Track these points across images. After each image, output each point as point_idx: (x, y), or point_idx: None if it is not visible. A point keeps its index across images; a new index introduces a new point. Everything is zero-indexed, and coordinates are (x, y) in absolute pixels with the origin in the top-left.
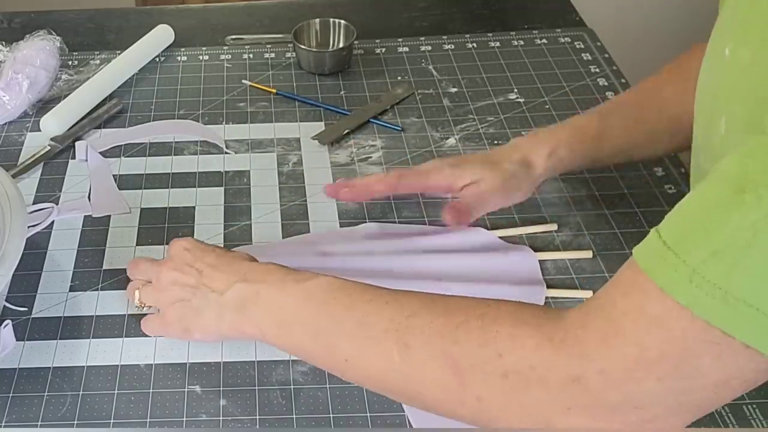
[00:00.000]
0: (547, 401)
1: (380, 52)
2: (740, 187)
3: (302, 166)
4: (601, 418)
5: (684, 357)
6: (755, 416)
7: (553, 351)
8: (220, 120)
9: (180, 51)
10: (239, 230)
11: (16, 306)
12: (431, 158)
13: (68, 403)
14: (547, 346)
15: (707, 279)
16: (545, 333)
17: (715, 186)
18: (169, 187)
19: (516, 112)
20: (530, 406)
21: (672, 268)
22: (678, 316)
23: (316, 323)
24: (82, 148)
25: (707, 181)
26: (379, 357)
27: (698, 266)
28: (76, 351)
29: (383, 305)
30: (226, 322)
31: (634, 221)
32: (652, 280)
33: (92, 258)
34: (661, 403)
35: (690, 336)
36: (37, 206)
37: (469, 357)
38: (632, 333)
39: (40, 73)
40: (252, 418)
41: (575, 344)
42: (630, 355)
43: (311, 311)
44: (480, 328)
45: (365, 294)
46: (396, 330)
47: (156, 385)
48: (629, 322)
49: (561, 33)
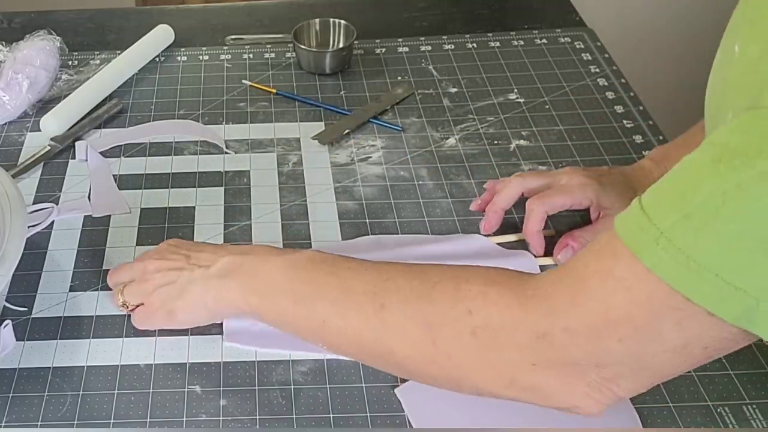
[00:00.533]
0: (514, 358)
1: (380, 52)
2: (718, 157)
3: (302, 166)
4: (563, 374)
5: (647, 320)
6: (755, 416)
7: (521, 308)
8: (220, 120)
9: (180, 51)
10: (239, 230)
11: (16, 306)
12: (431, 158)
13: (68, 403)
14: (516, 305)
15: (673, 243)
16: (516, 291)
17: (698, 156)
18: (169, 187)
19: (516, 112)
20: (498, 363)
21: (642, 230)
22: (644, 279)
23: (298, 290)
24: (82, 148)
25: (695, 151)
26: (356, 317)
27: (666, 229)
28: (76, 351)
29: (363, 271)
30: (210, 292)
31: None
32: (623, 240)
33: (92, 258)
34: (621, 363)
35: (655, 299)
36: (37, 206)
37: (440, 315)
38: (599, 293)
39: (40, 73)
40: (252, 418)
41: (543, 301)
42: (595, 313)
43: (293, 279)
44: (453, 288)
45: (346, 262)
46: (372, 292)
47: (156, 385)
48: (598, 281)
49: (561, 33)
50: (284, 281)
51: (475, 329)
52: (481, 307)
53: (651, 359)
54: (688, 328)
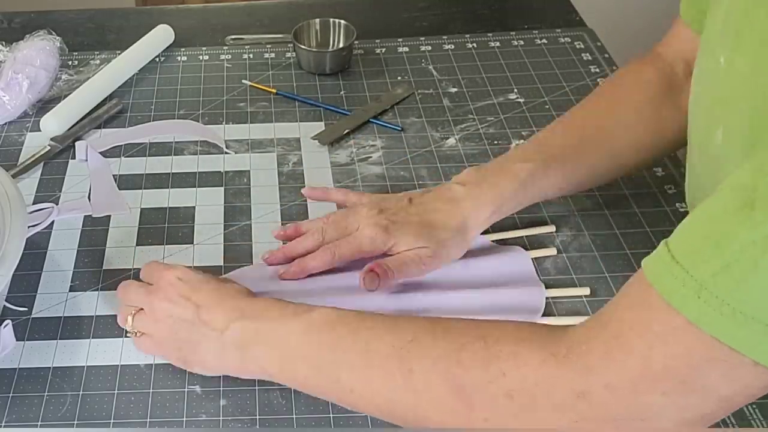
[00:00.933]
0: (554, 418)
1: (380, 52)
2: (749, 202)
3: (302, 166)
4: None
5: (690, 372)
6: (755, 416)
7: (557, 367)
8: (220, 120)
9: (180, 51)
10: (239, 230)
11: (16, 306)
12: (431, 158)
13: (68, 403)
14: (551, 362)
15: (715, 294)
16: (548, 349)
17: (725, 199)
18: (169, 187)
19: (516, 112)
20: (537, 424)
21: (680, 283)
22: (685, 332)
23: (318, 356)
24: (82, 148)
25: (718, 192)
26: (384, 385)
27: (706, 281)
28: (76, 351)
29: (384, 332)
30: (228, 362)
31: (634, 222)
32: (660, 294)
33: (92, 258)
34: (665, 417)
35: (696, 352)
36: (37, 206)
37: (473, 378)
38: (638, 347)
39: (40, 73)
40: (252, 418)
41: (579, 359)
42: (635, 368)
43: (312, 345)
44: (483, 349)
45: (364, 322)
46: (398, 356)
47: (156, 385)
48: (635, 336)
49: (561, 33)
50: (304, 347)
51: (510, 392)
52: (514, 368)
53: (696, 411)
54: (737, 379)
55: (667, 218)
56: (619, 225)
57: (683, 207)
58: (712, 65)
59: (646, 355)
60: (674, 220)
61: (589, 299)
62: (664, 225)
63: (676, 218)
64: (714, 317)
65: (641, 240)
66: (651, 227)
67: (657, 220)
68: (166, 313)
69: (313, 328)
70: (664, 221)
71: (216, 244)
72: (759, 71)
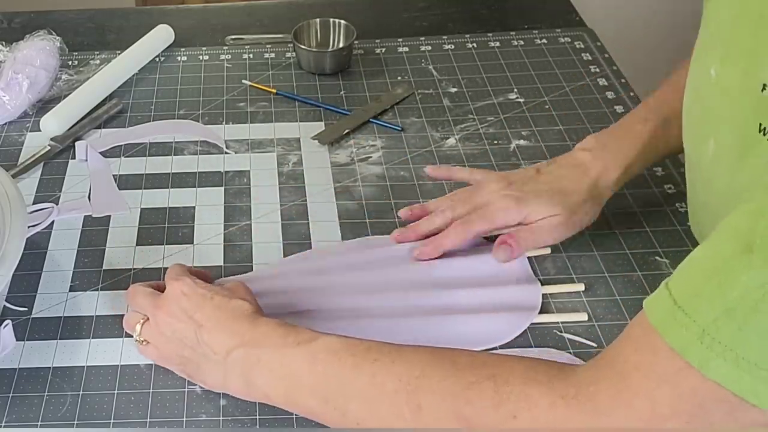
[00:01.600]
0: None
1: (380, 52)
2: (748, 246)
3: (302, 166)
4: None
5: (696, 413)
6: None
7: (566, 408)
8: (220, 120)
9: (180, 51)
10: (239, 230)
11: (16, 306)
12: (431, 158)
13: (68, 403)
14: (561, 404)
15: (718, 340)
16: (558, 391)
17: (724, 242)
18: (169, 187)
19: (516, 112)
20: None
21: (682, 327)
22: (688, 375)
23: (324, 388)
24: (82, 148)
25: (716, 234)
26: (392, 419)
27: (708, 326)
28: (76, 351)
29: (390, 364)
30: (232, 386)
31: (634, 221)
32: (663, 338)
33: (92, 258)
34: None
35: (701, 394)
36: (37, 206)
37: (483, 419)
38: (643, 389)
39: (40, 73)
40: (252, 418)
41: (587, 401)
42: (642, 410)
43: (318, 376)
44: (492, 389)
45: (370, 353)
46: (406, 390)
47: (156, 385)
48: (640, 377)
49: (561, 33)
50: (307, 377)
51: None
52: (524, 410)
53: None
54: (743, 417)
55: (667, 218)
56: (618, 224)
57: (683, 207)
58: (703, 76)
59: (651, 397)
60: (674, 219)
61: (587, 297)
62: (663, 225)
63: (675, 218)
64: (717, 363)
65: (641, 240)
66: (651, 227)
67: (657, 219)
68: (170, 328)
69: (318, 358)
70: (664, 221)
71: (216, 244)
72: (746, 84)
